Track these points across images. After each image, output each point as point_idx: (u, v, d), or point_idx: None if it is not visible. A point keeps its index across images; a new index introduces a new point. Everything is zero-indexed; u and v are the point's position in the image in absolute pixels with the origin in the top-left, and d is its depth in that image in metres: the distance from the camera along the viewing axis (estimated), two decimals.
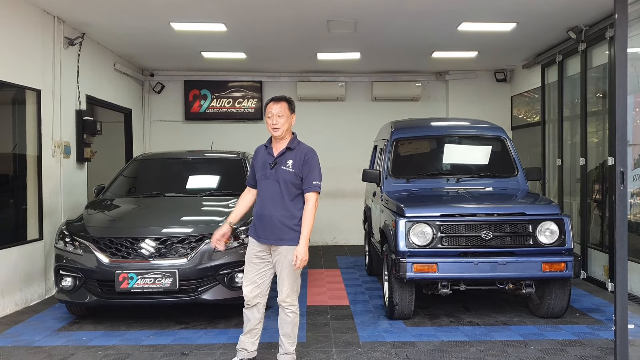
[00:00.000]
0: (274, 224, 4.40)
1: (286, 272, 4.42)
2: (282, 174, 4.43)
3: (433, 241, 5.57)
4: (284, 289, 4.45)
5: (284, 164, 4.44)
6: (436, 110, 11.55)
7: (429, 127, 7.51)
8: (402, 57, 10.20)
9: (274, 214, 4.41)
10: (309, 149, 4.56)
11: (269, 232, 4.43)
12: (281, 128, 4.42)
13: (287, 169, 4.44)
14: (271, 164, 4.46)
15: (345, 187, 11.78)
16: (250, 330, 4.61)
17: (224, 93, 11.74)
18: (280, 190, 4.41)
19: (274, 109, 4.43)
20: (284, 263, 4.41)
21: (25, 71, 7.02)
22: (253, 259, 4.52)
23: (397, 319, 5.96)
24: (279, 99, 4.51)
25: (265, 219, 4.43)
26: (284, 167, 4.44)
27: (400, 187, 6.63)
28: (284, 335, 4.50)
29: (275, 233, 4.42)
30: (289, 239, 4.39)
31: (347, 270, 8.89)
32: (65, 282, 5.84)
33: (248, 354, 4.61)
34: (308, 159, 4.45)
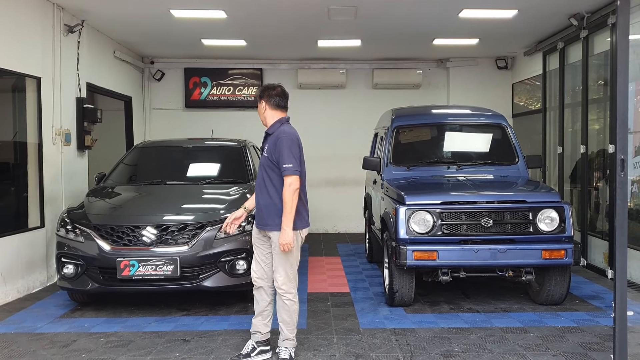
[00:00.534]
0: (261, 210, 4.50)
1: (278, 259, 4.45)
2: (262, 160, 4.53)
3: (433, 229, 5.58)
4: (278, 275, 4.47)
5: (265, 151, 4.52)
6: (437, 98, 11.53)
7: (430, 115, 7.50)
8: (403, 44, 10.16)
9: (260, 201, 4.52)
10: (283, 131, 4.43)
11: (259, 218, 4.53)
12: (263, 121, 4.62)
13: (264, 155, 4.51)
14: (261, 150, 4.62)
15: (346, 175, 11.79)
16: (260, 313, 4.65)
17: (224, 80, 11.71)
18: (262, 177, 4.50)
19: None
20: (275, 249, 4.46)
21: (25, 59, 7.00)
22: (257, 242, 4.63)
23: (397, 306, 5.99)
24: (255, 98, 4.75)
25: (257, 206, 4.57)
26: (264, 153, 4.51)
27: (400, 175, 6.63)
28: (283, 322, 4.53)
29: (264, 219, 4.49)
30: (275, 224, 4.40)
31: (348, 258, 8.92)
32: (67, 270, 5.86)
33: (262, 336, 4.65)
34: (277, 142, 4.37)
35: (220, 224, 5.81)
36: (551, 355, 4.58)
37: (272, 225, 4.43)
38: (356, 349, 4.78)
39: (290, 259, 4.45)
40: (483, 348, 4.75)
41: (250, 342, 4.65)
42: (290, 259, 4.46)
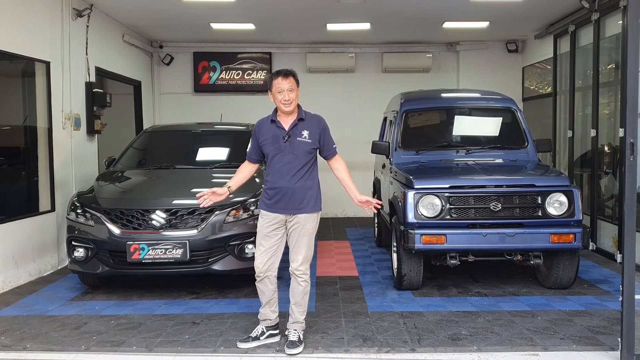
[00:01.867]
0: (293, 194, 4.46)
1: (303, 241, 4.50)
2: (299, 145, 4.46)
3: (442, 212, 5.58)
4: (300, 257, 4.50)
5: (299, 136, 4.47)
6: (447, 82, 11.45)
7: (439, 99, 7.46)
8: (413, 28, 10.09)
9: (291, 184, 4.45)
10: (320, 117, 4.65)
11: (286, 202, 4.47)
12: (293, 103, 4.44)
13: (303, 140, 4.47)
14: (285, 137, 4.46)
15: (355, 159, 11.69)
16: (267, 302, 4.67)
17: (233, 65, 11.70)
18: (297, 161, 4.46)
19: (284, 84, 4.41)
20: (301, 231, 4.49)
21: (34, 43, 7.02)
22: (270, 232, 4.53)
23: (405, 289, 6.01)
24: (287, 73, 4.48)
25: (282, 190, 4.46)
26: (299, 138, 4.46)
27: (409, 159, 6.62)
28: (295, 304, 4.57)
29: (294, 203, 4.47)
30: (307, 206, 4.50)
31: (357, 242, 8.94)
32: (78, 253, 5.92)
33: (272, 322, 4.72)
34: (323, 126, 4.59)
35: (229, 208, 5.86)
36: (558, 339, 4.58)
37: (305, 208, 4.50)
38: (364, 332, 4.81)
39: (312, 241, 4.55)
40: (491, 331, 4.77)
41: (260, 326, 4.70)
42: (312, 241, 4.55)
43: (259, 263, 4.55)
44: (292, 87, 4.42)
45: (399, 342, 4.58)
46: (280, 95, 4.41)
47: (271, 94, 4.52)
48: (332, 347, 4.52)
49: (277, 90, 4.43)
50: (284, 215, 4.50)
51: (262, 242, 4.55)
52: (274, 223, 4.53)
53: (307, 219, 4.50)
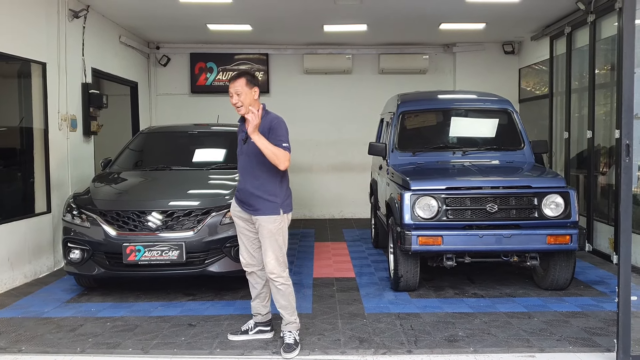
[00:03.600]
0: (250, 196, 4.48)
1: (267, 243, 4.48)
2: (253, 146, 4.37)
3: (438, 214, 5.58)
4: (268, 260, 4.49)
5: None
6: (444, 83, 11.47)
7: (436, 100, 7.47)
8: (410, 29, 10.10)
9: (249, 186, 4.49)
10: (275, 116, 4.53)
11: (247, 204, 4.53)
12: (244, 105, 4.37)
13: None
14: (244, 140, 4.50)
15: (352, 161, 11.79)
16: (257, 295, 4.76)
17: (230, 66, 11.69)
18: (253, 163, 4.46)
19: (231, 88, 4.40)
20: (264, 234, 4.48)
21: (30, 44, 7.00)
22: (243, 231, 4.65)
23: (402, 290, 6.01)
24: (236, 76, 4.45)
25: (243, 192, 4.54)
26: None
27: (406, 161, 6.62)
28: (280, 307, 4.55)
29: (252, 204, 4.49)
30: (265, 209, 4.45)
31: (354, 243, 8.94)
32: (73, 255, 5.90)
33: (263, 317, 4.76)
34: (274, 124, 4.42)
35: (225, 209, 5.85)
36: (555, 340, 4.58)
37: (263, 210, 4.45)
38: (360, 334, 4.80)
39: (279, 242, 4.51)
40: (487, 333, 4.77)
41: (251, 321, 4.80)
42: (279, 243, 4.51)
43: (241, 258, 4.73)
44: (239, 90, 4.37)
45: (395, 343, 4.57)
46: (231, 99, 4.42)
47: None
48: (328, 348, 4.51)
49: (229, 95, 4.44)
50: (249, 214, 4.55)
51: (241, 240, 4.71)
52: (245, 220, 4.61)
53: (267, 221, 4.46)
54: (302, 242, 9.06)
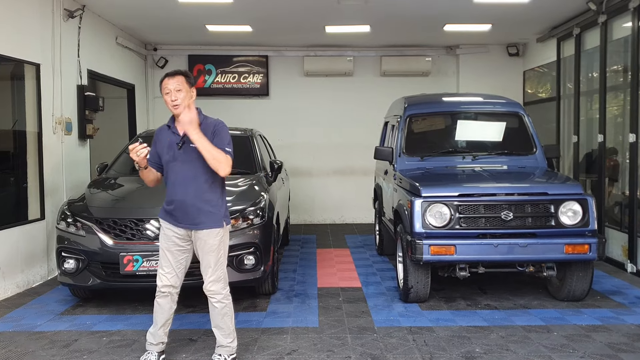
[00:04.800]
0: (190, 208, 4.06)
1: (208, 259, 4.16)
2: (192, 152, 4.01)
3: (450, 222, 5.33)
4: (208, 276, 4.17)
5: (192, 142, 4.00)
6: (446, 86, 11.24)
7: (444, 103, 7.23)
8: (413, 31, 9.87)
9: (187, 198, 4.05)
10: (217, 120, 4.23)
11: (185, 217, 4.08)
12: (182, 104, 3.99)
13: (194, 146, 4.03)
14: (178, 144, 4.06)
15: (353, 164, 11.55)
16: (165, 322, 4.30)
17: (229, 68, 11.44)
18: (192, 171, 4.05)
19: (170, 84, 4.00)
20: (205, 248, 4.15)
21: (24, 44, 6.74)
22: (172, 248, 4.15)
23: (412, 302, 5.76)
24: (174, 73, 4.07)
25: (179, 204, 4.07)
26: (192, 144, 4.00)
27: (414, 165, 6.38)
28: (216, 327, 4.26)
29: (192, 218, 4.08)
30: (207, 222, 4.09)
31: (357, 250, 8.68)
32: (68, 265, 5.63)
33: (164, 346, 4.37)
34: (217, 129, 4.12)
35: None
36: (579, 357, 4.34)
37: (206, 223, 4.10)
38: (372, 350, 4.55)
39: (221, 257, 4.19)
40: (506, 349, 4.52)
41: (152, 355, 4.29)
42: (221, 258, 4.19)
43: (163, 280, 4.19)
44: (179, 87, 4.00)
45: None
46: (168, 96, 4.00)
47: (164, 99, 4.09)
48: None
49: (164, 92, 4.02)
50: (187, 229, 4.13)
51: (166, 256, 4.18)
52: (178, 237, 4.15)
53: (208, 235, 4.11)
54: (304, 249, 8.80)
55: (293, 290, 6.36)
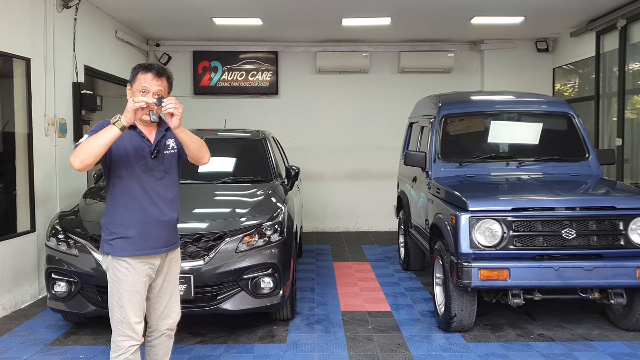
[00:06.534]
0: (168, 226, 3.36)
1: (175, 284, 3.52)
2: (168, 159, 3.38)
3: (502, 241, 4.59)
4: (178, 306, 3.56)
5: (166, 148, 3.38)
6: (470, 83, 10.46)
7: (483, 102, 6.46)
8: (437, 24, 9.11)
9: (165, 215, 3.33)
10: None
11: (161, 239, 3.33)
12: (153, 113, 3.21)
13: (171, 152, 3.40)
14: (152, 153, 3.30)
15: (369, 168, 10.80)
16: None
17: (236, 65, 10.69)
18: (169, 183, 3.39)
19: (153, 84, 3.21)
20: (176, 271, 3.51)
21: (11, 36, 6.00)
22: (139, 286, 3.28)
23: (454, 331, 5.01)
24: (162, 71, 3.27)
25: (155, 225, 3.29)
26: (167, 151, 3.38)
27: (451, 173, 5.64)
28: None
29: (170, 237, 3.39)
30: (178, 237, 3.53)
31: (378, 264, 7.91)
32: (59, 288, 4.89)
33: None
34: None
35: (241, 233, 4.85)
36: None
37: (177, 237, 3.50)
38: None
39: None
40: None
41: None
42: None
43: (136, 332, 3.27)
44: (163, 92, 3.26)
45: None
46: (142, 95, 3.19)
47: (130, 90, 3.27)
48: None
49: (140, 89, 3.20)
50: (156, 256, 3.34)
51: (135, 299, 3.26)
52: (151, 268, 3.33)
53: (178, 253, 3.55)
54: (319, 262, 8.05)
55: (314, 315, 5.60)
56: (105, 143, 3.01)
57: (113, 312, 3.30)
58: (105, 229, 3.31)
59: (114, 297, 3.28)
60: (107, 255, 3.28)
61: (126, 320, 3.25)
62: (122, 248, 3.24)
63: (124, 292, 3.24)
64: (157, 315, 3.48)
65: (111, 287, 3.30)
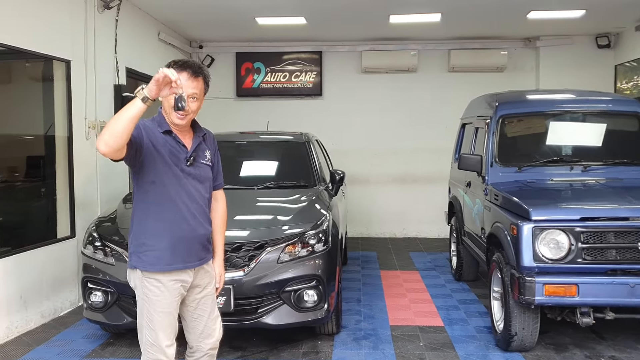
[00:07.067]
0: (202, 239, 3.07)
1: (213, 299, 3.22)
2: (204, 171, 3.10)
3: (570, 254, 4.15)
4: (219, 324, 3.25)
5: (202, 158, 3.11)
6: (524, 82, 9.92)
7: (544, 101, 5.98)
8: (490, 20, 8.64)
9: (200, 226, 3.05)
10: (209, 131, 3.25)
11: (193, 253, 3.04)
12: (190, 116, 2.97)
13: (206, 164, 3.13)
14: (188, 159, 3.03)
15: (416, 171, 10.39)
16: None
17: (279, 66, 10.45)
18: (204, 192, 3.10)
19: (190, 86, 2.89)
20: (210, 285, 3.19)
21: (50, 38, 5.87)
22: (173, 306, 3.00)
23: (514, 351, 4.59)
24: (198, 71, 2.94)
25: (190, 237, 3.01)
26: (203, 161, 3.11)
27: (510, 178, 5.21)
28: None
29: (203, 249, 3.10)
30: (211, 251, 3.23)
31: (428, 273, 7.51)
32: (95, 298, 4.71)
33: None
34: (217, 148, 3.28)
35: (283, 242, 4.56)
36: None
37: (210, 250, 3.20)
38: None
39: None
40: None
41: None
42: None
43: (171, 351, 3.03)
44: (198, 94, 2.96)
45: None
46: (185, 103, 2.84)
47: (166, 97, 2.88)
48: None
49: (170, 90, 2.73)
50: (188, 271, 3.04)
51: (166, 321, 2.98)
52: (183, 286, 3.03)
53: (212, 268, 3.24)
54: (365, 270, 7.69)
55: (361, 330, 5.26)
56: (129, 118, 2.60)
57: (142, 334, 3.03)
58: (135, 239, 3.02)
59: (143, 317, 3.00)
60: (135, 269, 3.00)
61: (157, 343, 2.98)
62: (153, 262, 2.95)
63: (155, 313, 2.96)
64: (198, 334, 3.19)
65: (140, 307, 3.02)
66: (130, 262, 3.03)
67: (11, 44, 5.29)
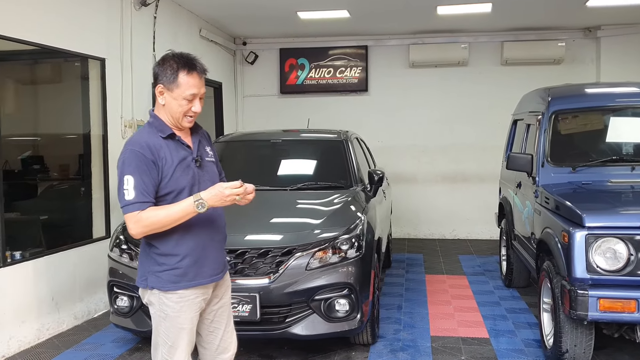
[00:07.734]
0: (221, 249, 2.90)
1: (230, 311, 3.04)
2: (211, 168, 2.90)
3: (629, 265, 3.71)
4: (234, 336, 3.06)
5: (206, 155, 2.91)
6: (584, 75, 9.29)
7: (602, 95, 5.48)
8: (546, 9, 8.11)
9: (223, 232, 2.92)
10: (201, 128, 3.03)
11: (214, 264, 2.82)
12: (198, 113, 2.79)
13: (210, 160, 2.93)
14: (196, 160, 2.79)
15: (467, 169, 9.93)
16: None
17: (323, 62, 10.17)
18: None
19: (198, 86, 2.70)
20: (228, 297, 3.00)
21: (84, 36, 5.80)
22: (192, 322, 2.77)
23: None
24: (204, 71, 2.74)
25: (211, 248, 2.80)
26: (207, 158, 2.91)
27: (563, 179, 4.77)
28: None
29: (222, 261, 2.91)
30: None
31: (476, 278, 7.09)
32: (121, 303, 4.57)
33: None
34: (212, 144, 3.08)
35: (313, 248, 4.29)
36: None
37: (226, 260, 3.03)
38: None
39: None
40: None
41: None
42: None
43: None
44: (203, 92, 2.77)
45: None
46: (188, 103, 2.69)
47: (165, 92, 2.68)
48: None
49: (186, 96, 2.66)
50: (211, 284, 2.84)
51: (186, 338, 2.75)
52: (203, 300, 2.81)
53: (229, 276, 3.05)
54: (409, 274, 7.34)
55: (399, 340, 4.93)
56: (175, 221, 2.62)
57: (157, 351, 2.77)
58: (152, 256, 2.74)
59: (159, 335, 2.75)
60: (152, 289, 2.76)
61: None
62: (174, 281, 2.70)
63: (174, 329, 2.71)
64: (213, 350, 2.96)
65: (156, 324, 2.76)
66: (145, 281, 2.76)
67: (46, 43, 5.25)
